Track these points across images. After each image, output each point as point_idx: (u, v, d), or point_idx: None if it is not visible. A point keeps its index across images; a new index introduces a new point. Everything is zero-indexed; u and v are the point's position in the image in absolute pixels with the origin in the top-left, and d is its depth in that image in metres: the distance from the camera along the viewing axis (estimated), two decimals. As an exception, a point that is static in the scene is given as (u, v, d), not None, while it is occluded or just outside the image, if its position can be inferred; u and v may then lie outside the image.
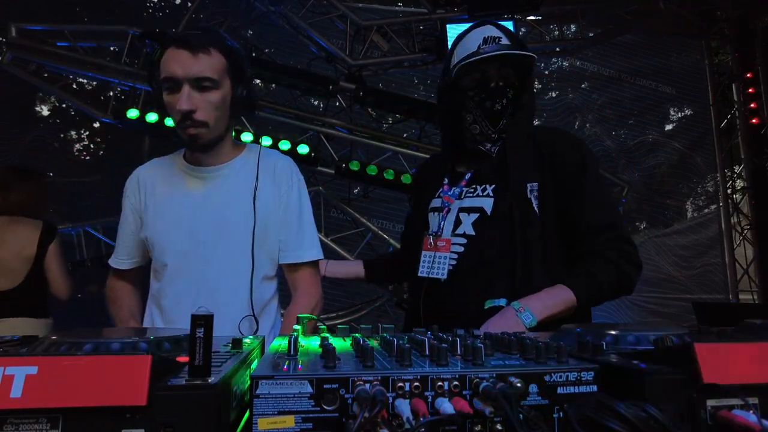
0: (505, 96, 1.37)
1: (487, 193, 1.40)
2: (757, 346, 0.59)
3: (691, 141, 5.83)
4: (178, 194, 1.41)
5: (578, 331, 0.79)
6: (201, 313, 0.55)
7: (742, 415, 0.53)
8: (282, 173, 1.48)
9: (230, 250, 1.39)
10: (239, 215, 1.39)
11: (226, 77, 1.33)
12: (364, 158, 4.75)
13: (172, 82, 1.27)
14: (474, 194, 1.42)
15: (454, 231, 1.40)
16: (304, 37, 4.83)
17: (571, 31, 5.43)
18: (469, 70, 1.37)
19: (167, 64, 1.28)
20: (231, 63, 1.33)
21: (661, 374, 0.56)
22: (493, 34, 1.37)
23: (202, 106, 1.28)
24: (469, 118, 1.42)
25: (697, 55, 5.85)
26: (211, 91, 1.29)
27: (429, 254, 1.43)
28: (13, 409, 0.49)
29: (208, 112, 1.30)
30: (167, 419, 0.50)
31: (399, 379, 0.55)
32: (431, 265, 1.40)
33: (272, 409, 0.52)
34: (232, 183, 1.43)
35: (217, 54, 1.30)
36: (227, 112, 1.36)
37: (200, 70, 1.27)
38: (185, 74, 1.26)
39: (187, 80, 1.26)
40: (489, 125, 1.40)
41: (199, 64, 1.27)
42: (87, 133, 6.13)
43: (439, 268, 1.39)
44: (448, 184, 1.49)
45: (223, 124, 1.37)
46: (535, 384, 0.57)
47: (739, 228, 5.64)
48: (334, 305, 4.95)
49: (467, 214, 1.40)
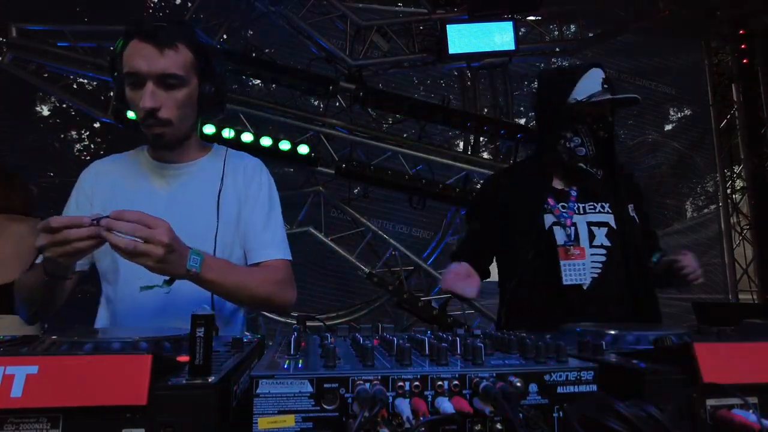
0: (612, 128, 1.65)
1: (606, 209, 1.64)
2: (756, 346, 0.59)
3: (690, 141, 5.83)
4: (141, 191, 1.34)
5: (578, 331, 0.80)
6: (201, 313, 0.55)
7: (742, 415, 0.53)
8: (251, 174, 1.44)
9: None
10: (204, 215, 1.34)
11: (193, 74, 1.27)
12: (364, 158, 4.75)
13: (136, 78, 1.21)
14: (595, 211, 1.64)
15: (593, 243, 1.59)
16: (304, 38, 4.83)
17: (571, 31, 5.43)
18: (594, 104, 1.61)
19: (131, 59, 1.21)
20: (199, 59, 1.28)
21: (661, 374, 0.56)
22: (607, 77, 1.64)
23: (166, 104, 1.23)
24: (576, 140, 1.62)
25: (697, 55, 5.85)
26: (176, 89, 1.24)
27: (569, 263, 1.57)
28: (13, 409, 0.49)
29: (172, 110, 1.24)
30: (167, 419, 0.50)
31: (399, 378, 0.55)
32: (572, 273, 1.56)
33: (272, 408, 0.52)
34: (198, 182, 1.38)
35: (184, 49, 1.24)
36: (194, 109, 1.32)
37: (165, 67, 1.20)
38: (149, 70, 1.19)
39: (152, 77, 1.20)
40: (594, 149, 1.62)
41: (164, 60, 1.20)
42: (87, 133, 6.11)
43: (582, 275, 1.55)
44: (553, 198, 1.66)
45: (189, 122, 1.33)
46: (535, 383, 0.57)
47: (738, 228, 5.64)
48: (334, 305, 4.95)
49: (597, 228, 1.61)
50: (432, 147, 4.70)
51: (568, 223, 1.61)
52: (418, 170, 4.73)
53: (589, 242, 1.60)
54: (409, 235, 5.13)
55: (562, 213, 1.62)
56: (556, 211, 1.63)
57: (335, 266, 4.95)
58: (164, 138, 1.28)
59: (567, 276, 1.56)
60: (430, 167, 4.69)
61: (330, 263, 4.97)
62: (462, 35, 4.62)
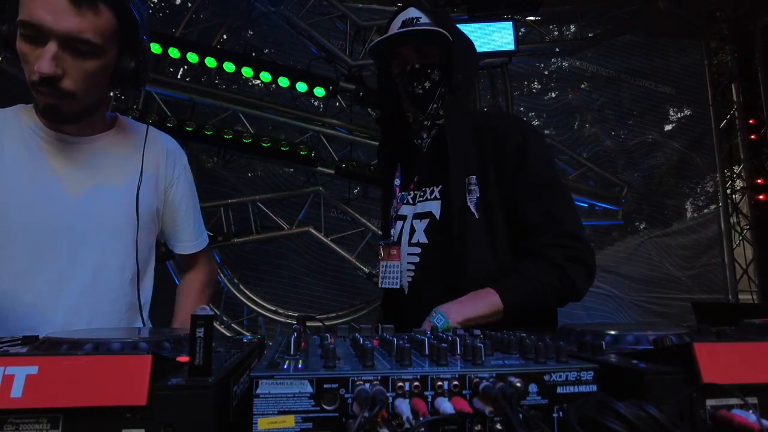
0: (428, 78, 1.24)
1: (434, 195, 1.28)
2: (756, 345, 0.59)
3: (690, 141, 5.83)
4: (31, 166, 1.10)
5: (578, 331, 0.80)
6: (201, 313, 0.55)
7: (742, 415, 0.53)
8: (172, 157, 1.30)
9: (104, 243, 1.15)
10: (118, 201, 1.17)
11: (112, 43, 1.04)
12: (364, 158, 4.75)
13: (35, 31, 0.95)
14: (424, 198, 1.30)
15: (411, 240, 1.30)
16: (305, 38, 4.83)
17: (571, 31, 5.43)
18: (390, 56, 1.29)
19: (32, 4, 0.95)
20: (123, 25, 1.05)
21: (661, 374, 0.56)
22: (413, 16, 1.26)
23: (72, 73, 1.00)
24: (404, 107, 1.33)
25: (697, 55, 5.84)
26: (87, 58, 1.00)
27: (385, 264, 1.34)
28: (13, 409, 0.49)
29: (78, 81, 1.01)
30: (167, 419, 0.50)
31: (399, 378, 0.55)
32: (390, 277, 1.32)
33: (272, 408, 0.52)
34: (108, 166, 1.17)
35: (107, 12, 1.01)
36: (105, 82, 1.09)
37: (78, 28, 0.97)
38: (55, 28, 0.95)
39: (57, 36, 0.96)
40: (418, 112, 1.29)
41: (79, 20, 0.96)
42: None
43: (393, 279, 1.30)
44: (400, 187, 1.36)
45: (96, 96, 1.10)
46: (535, 384, 0.57)
47: (738, 228, 5.65)
48: (333, 305, 4.95)
49: (419, 221, 1.29)
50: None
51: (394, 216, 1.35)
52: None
53: (409, 239, 1.30)
54: (409, 235, 5.13)
55: (394, 206, 1.36)
56: (397, 204, 1.36)
57: (335, 266, 4.95)
58: (60, 111, 1.06)
59: (384, 279, 1.32)
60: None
61: (330, 263, 4.97)
62: (462, 35, 4.63)
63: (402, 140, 1.40)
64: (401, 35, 1.22)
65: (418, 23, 1.23)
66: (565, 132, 5.72)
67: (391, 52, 1.28)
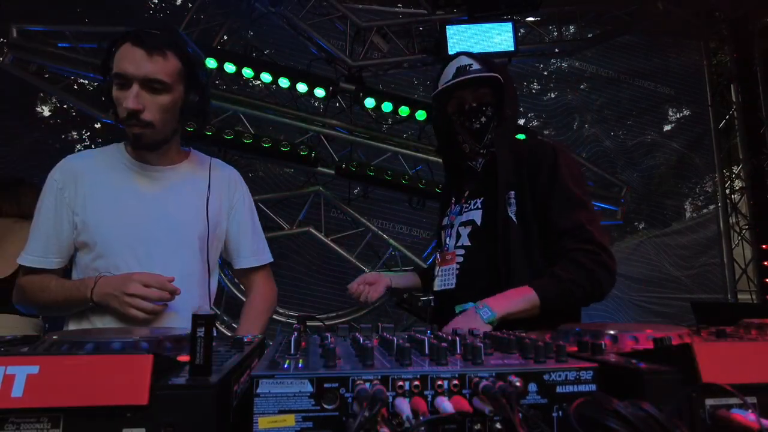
0: (483, 114, 1.48)
1: (476, 206, 1.51)
2: (755, 345, 0.60)
3: (689, 141, 5.84)
4: (126, 191, 1.37)
5: (577, 331, 0.80)
6: (201, 313, 0.55)
7: (741, 414, 0.53)
8: (234, 184, 1.55)
9: (182, 252, 1.38)
10: (192, 219, 1.41)
11: (179, 81, 1.32)
12: (364, 158, 4.75)
13: (124, 79, 1.26)
14: (468, 209, 1.53)
15: (456, 244, 1.51)
16: (305, 38, 4.83)
17: (570, 32, 5.43)
18: (448, 98, 1.52)
19: (121, 61, 1.27)
20: (186, 68, 1.33)
21: (661, 374, 0.56)
22: (465, 63, 1.51)
23: (150, 107, 1.28)
24: (459, 139, 1.55)
25: (696, 55, 5.85)
26: (161, 94, 1.29)
27: (439, 269, 1.53)
28: (14, 409, 0.49)
29: (155, 113, 1.29)
30: (168, 418, 0.50)
31: (399, 378, 0.55)
32: (443, 278, 1.50)
33: (273, 408, 0.53)
34: (183, 186, 1.43)
35: (173, 57, 1.30)
36: (176, 115, 1.36)
37: (153, 72, 1.26)
38: (136, 73, 1.25)
39: (138, 79, 1.26)
40: (475, 142, 1.52)
41: (152, 65, 1.26)
42: (88, 133, 6.11)
43: (448, 280, 1.49)
44: (454, 203, 1.61)
45: (171, 127, 1.37)
46: (535, 383, 0.57)
47: (737, 228, 5.65)
48: (334, 305, 4.95)
49: (464, 228, 1.51)
50: (432, 147, 4.70)
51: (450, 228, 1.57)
52: (418, 170, 4.74)
53: (455, 244, 1.52)
54: (409, 235, 5.13)
55: (447, 217, 1.60)
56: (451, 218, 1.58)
57: (335, 266, 4.95)
58: (144, 138, 1.32)
59: (439, 281, 1.51)
60: (430, 167, 4.69)
61: (330, 263, 4.97)
62: (461, 36, 4.62)
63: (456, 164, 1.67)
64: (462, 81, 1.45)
65: (471, 69, 1.48)
66: (565, 132, 5.72)
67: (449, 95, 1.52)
